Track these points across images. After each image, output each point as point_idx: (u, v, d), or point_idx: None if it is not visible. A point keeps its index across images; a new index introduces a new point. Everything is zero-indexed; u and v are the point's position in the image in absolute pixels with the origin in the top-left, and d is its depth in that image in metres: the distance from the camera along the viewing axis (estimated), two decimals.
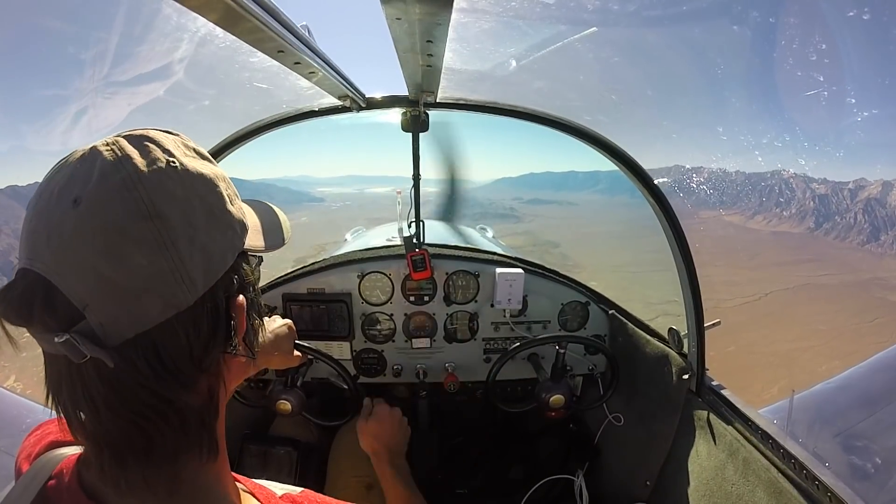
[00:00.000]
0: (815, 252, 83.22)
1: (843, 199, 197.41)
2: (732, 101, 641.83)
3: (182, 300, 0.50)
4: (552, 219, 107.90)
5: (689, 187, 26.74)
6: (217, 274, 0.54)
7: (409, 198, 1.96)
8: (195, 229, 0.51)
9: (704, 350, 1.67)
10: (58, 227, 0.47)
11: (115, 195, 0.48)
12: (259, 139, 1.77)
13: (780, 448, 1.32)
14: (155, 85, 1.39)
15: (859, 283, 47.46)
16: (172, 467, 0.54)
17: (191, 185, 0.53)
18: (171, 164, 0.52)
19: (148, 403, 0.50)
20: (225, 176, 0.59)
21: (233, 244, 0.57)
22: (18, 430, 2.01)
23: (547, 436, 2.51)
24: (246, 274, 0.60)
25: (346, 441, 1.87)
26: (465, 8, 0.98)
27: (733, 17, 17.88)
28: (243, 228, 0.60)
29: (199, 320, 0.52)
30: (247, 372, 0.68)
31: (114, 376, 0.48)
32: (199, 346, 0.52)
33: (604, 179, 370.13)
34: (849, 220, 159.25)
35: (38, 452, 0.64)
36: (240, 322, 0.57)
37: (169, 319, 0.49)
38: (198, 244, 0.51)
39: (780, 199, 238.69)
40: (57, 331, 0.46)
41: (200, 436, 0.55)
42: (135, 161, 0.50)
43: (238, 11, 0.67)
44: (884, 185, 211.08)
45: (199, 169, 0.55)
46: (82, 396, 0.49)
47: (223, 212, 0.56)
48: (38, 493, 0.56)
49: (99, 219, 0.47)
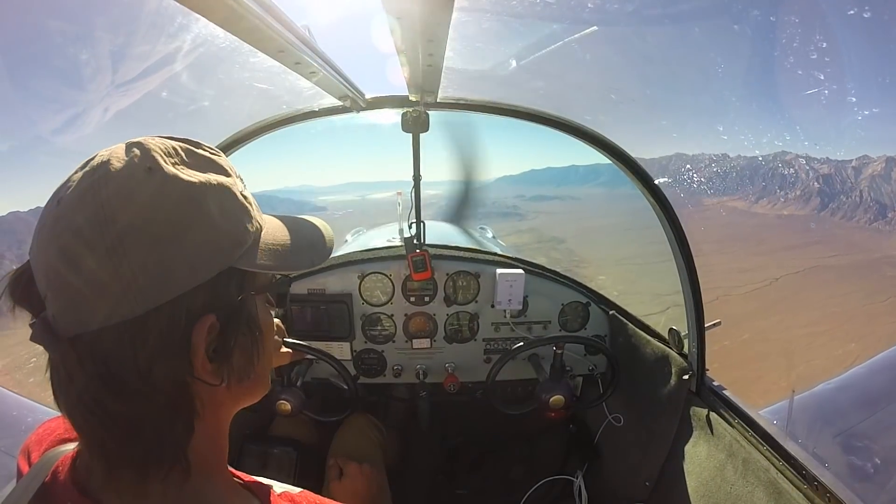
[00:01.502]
0: (822, 233, 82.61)
1: (848, 178, 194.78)
2: (732, 100, 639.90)
3: (127, 310, 0.48)
4: (556, 214, 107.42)
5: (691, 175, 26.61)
6: (178, 288, 0.50)
7: (409, 199, 1.96)
8: (155, 240, 0.49)
9: (705, 350, 1.67)
10: (43, 222, 0.51)
11: (82, 198, 0.49)
12: (258, 149, 1.77)
13: (779, 448, 1.32)
14: (155, 85, 1.39)
15: (869, 262, 46.90)
16: (136, 473, 0.53)
17: (161, 193, 0.50)
18: (147, 170, 0.50)
19: (95, 410, 0.50)
20: (225, 188, 0.56)
21: (212, 260, 0.53)
22: (19, 430, 2.01)
23: (547, 436, 2.51)
24: (227, 294, 0.55)
25: (346, 441, 1.87)
26: (465, 8, 0.98)
27: (733, 17, 17.89)
28: (237, 244, 0.55)
29: (146, 333, 0.49)
30: (243, 393, 0.62)
31: (69, 370, 0.50)
32: (144, 359, 0.50)
33: (605, 172, 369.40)
34: (854, 198, 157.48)
35: (40, 451, 0.64)
36: (197, 343, 0.52)
37: (115, 325, 0.48)
38: (155, 256, 0.49)
39: (784, 182, 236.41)
40: (32, 316, 0.51)
41: (161, 450, 0.53)
42: (111, 166, 0.50)
43: (239, 11, 0.67)
44: (887, 161, 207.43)
45: (184, 178, 0.52)
46: (55, 384, 0.52)
47: (202, 224, 0.52)
48: (37, 492, 0.56)
49: (65, 220, 0.49)
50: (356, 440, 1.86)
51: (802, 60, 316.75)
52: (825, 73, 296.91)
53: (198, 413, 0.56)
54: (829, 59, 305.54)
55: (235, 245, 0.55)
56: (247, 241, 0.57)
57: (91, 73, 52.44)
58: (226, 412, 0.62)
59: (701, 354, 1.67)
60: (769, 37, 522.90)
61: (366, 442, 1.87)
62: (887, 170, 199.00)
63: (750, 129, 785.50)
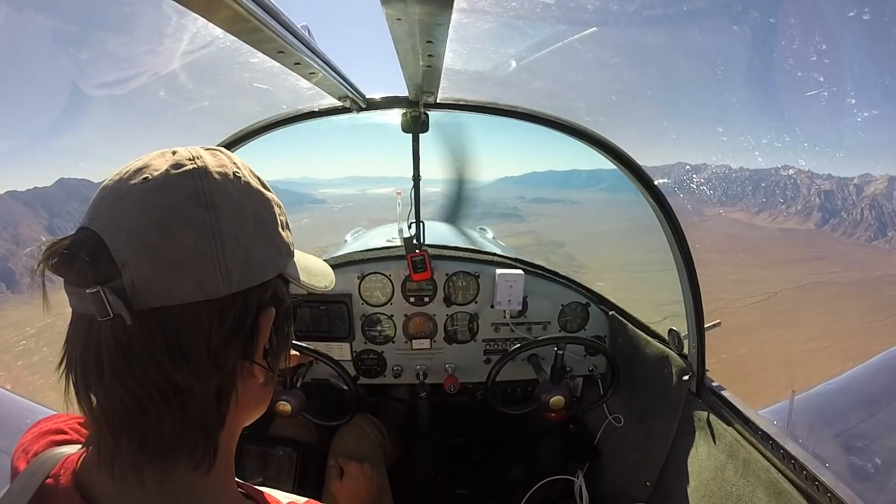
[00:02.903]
0: (822, 249, 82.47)
1: (849, 195, 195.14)
2: (732, 102, 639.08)
3: (214, 288, 0.52)
4: (556, 218, 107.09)
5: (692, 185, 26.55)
6: (254, 279, 0.56)
7: (409, 199, 1.96)
8: (243, 231, 0.55)
9: (705, 351, 1.67)
10: (124, 196, 0.52)
11: (180, 181, 0.53)
12: (259, 140, 1.77)
13: (780, 448, 1.32)
14: (155, 85, 1.39)
15: (869, 280, 46.79)
16: (162, 461, 0.53)
17: (248, 196, 0.58)
18: (235, 174, 0.57)
19: (152, 378, 0.50)
20: (280, 205, 0.63)
21: (275, 262, 0.60)
22: (18, 430, 2.00)
23: (547, 436, 2.51)
24: (282, 294, 0.62)
25: (346, 441, 1.87)
26: (465, 8, 0.98)
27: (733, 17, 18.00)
28: (289, 254, 0.63)
29: (224, 314, 0.53)
30: (263, 395, 0.65)
31: (128, 342, 0.50)
32: (218, 338, 0.53)
33: (606, 177, 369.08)
34: (855, 216, 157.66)
35: (36, 450, 0.63)
36: (264, 331, 0.58)
37: (197, 303, 0.51)
38: (242, 244, 0.55)
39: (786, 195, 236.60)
40: (90, 284, 0.48)
41: (196, 436, 0.54)
42: (206, 160, 0.56)
43: (238, 12, 0.67)
44: (889, 181, 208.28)
45: (258, 188, 0.60)
46: (93, 358, 0.51)
47: (272, 230, 0.60)
48: (36, 492, 0.56)
49: (161, 196, 0.51)
50: (357, 440, 1.86)
51: (802, 62, 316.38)
52: (825, 75, 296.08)
53: (229, 408, 0.58)
54: (828, 61, 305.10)
55: (288, 255, 0.63)
56: (292, 253, 0.65)
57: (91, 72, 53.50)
58: (245, 416, 0.64)
59: (701, 355, 1.67)
60: (769, 38, 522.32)
61: (366, 442, 1.87)
62: (889, 189, 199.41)
63: (750, 130, 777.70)
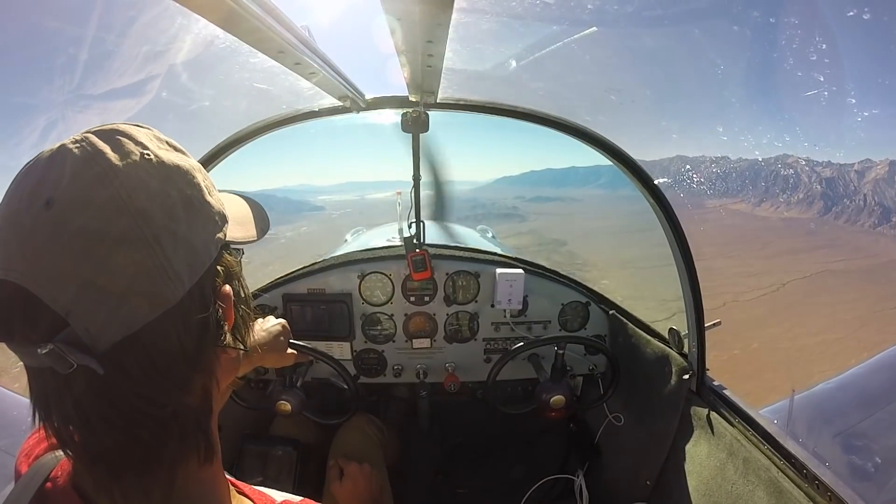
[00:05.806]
0: (827, 237, 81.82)
1: (851, 182, 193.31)
2: (732, 101, 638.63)
3: (170, 297, 0.47)
4: (556, 216, 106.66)
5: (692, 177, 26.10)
6: (202, 267, 0.52)
7: (409, 198, 1.97)
8: (176, 223, 0.49)
9: (705, 350, 1.67)
10: (31, 232, 0.44)
11: (90, 193, 0.45)
12: (256, 148, 1.77)
13: (780, 448, 1.32)
14: (155, 85, 1.39)
15: (876, 267, 46.37)
16: (170, 473, 0.52)
17: (167, 177, 0.50)
18: (145, 157, 0.49)
19: (143, 411, 0.48)
20: (201, 167, 0.57)
21: (214, 236, 0.55)
22: (18, 430, 2.01)
23: (547, 436, 2.51)
24: (230, 265, 0.58)
25: (346, 440, 1.87)
26: (465, 8, 0.98)
27: (733, 18, 17.78)
28: (223, 219, 0.57)
29: (187, 315, 0.50)
30: (237, 368, 0.63)
31: (105, 385, 0.45)
32: (190, 343, 0.50)
33: (605, 174, 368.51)
34: (858, 202, 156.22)
35: (38, 454, 0.63)
36: (228, 313, 0.56)
37: (158, 318, 0.47)
38: (181, 238, 0.49)
39: (787, 184, 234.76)
40: (39, 342, 0.43)
41: (197, 439, 0.54)
42: (108, 155, 0.47)
43: (238, 12, 0.67)
44: (890, 165, 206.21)
45: (174, 161, 0.52)
46: (73, 410, 0.46)
47: (202, 203, 0.54)
48: (36, 494, 0.56)
49: (76, 220, 0.44)
50: (357, 440, 1.86)
51: (802, 62, 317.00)
52: (825, 75, 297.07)
53: (213, 396, 0.57)
54: (828, 61, 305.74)
55: (223, 219, 0.57)
56: (226, 217, 0.58)
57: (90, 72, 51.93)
58: (224, 394, 0.63)
59: (701, 354, 1.67)
60: (769, 38, 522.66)
61: (366, 442, 1.87)
62: (890, 174, 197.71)
63: (750, 130, 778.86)
